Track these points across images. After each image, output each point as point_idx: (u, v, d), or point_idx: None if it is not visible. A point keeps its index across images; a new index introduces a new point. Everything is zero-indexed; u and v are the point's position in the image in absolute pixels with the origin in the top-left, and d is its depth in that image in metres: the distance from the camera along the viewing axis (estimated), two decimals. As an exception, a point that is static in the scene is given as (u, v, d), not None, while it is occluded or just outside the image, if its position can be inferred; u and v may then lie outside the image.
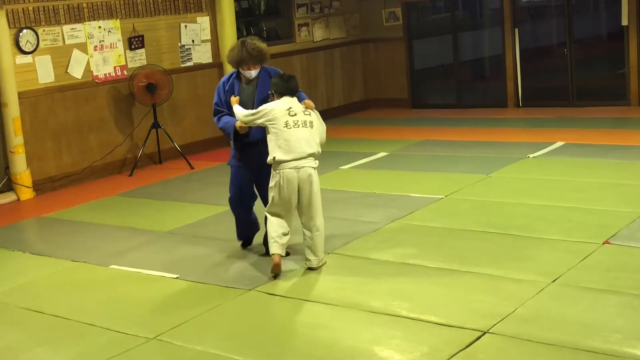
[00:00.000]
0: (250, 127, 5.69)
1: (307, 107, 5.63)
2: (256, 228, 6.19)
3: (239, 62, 5.78)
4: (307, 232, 5.59)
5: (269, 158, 5.50)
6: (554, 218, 6.33)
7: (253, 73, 5.80)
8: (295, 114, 5.52)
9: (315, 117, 5.64)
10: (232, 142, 5.95)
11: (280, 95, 5.60)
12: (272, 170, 5.54)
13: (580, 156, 8.41)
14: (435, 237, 6.13)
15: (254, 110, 5.59)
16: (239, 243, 6.25)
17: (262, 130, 5.63)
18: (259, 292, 5.27)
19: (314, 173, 5.54)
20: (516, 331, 4.33)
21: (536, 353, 4.09)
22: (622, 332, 4.22)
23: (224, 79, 5.96)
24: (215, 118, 5.91)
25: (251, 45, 5.76)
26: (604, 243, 5.64)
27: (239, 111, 5.66)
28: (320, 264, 5.62)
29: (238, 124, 5.68)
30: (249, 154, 5.84)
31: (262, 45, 5.85)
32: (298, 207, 5.56)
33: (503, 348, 4.18)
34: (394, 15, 12.97)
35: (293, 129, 5.47)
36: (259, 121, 5.54)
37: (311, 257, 5.59)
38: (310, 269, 5.60)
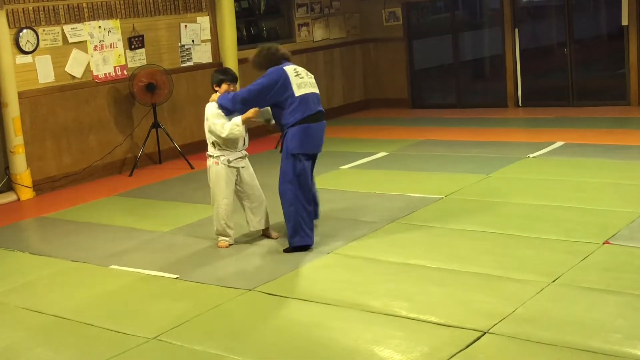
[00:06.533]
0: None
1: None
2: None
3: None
4: None
5: None
6: (554, 218, 6.33)
7: None
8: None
9: (207, 107, 6.18)
10: None
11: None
12: None
13: (580, 156, 8.41)
14: (435, 237, 6.13)
15: None
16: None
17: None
18: (259, 292, 5.27)
19: (208, 160, 6.32)
20: (516, 331, 4.33)
21: (536, 353, 4.09)
22: (622, 332, 4.22)
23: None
24: None
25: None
26: (604, 243, 5.64)
27: None
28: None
29: None
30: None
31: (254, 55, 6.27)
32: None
33: (503, 348, 4.18)
34: (394, 15, 12.97)
35: None
36: None
37: None
38: None
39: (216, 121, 6.07)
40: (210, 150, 6.25)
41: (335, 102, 12.76)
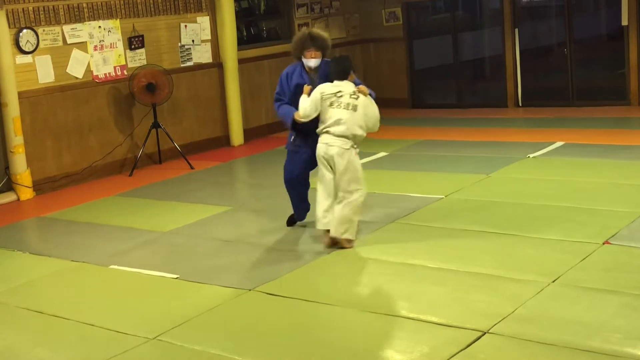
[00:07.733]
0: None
1: (359, 91, 5.96)
2: (306, 208, 6.59)
3: (302, 47, 6.13)
4: (337, 205, 5.92)
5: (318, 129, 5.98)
6: (554, 218, 6.33)
7: (312, 62, 6.12)
8: (342, 96, 5.90)
9: (363, 101, 5.95)
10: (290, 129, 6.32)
11: (334, 79, 5.98)
12: None
13: (580, 156, 8.41)
14: (435, 237, 6.13)
15: (310, 104, 5.94)
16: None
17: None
18: (259, 292, 5.27)
19: (347, 152, 5.90)
20: (516, 331, 4.33)
21: (536, 353, 4.10)
22: (622, 332, 4.22)
23: (287, 69, 6.31)
24: (276, 105, 6.30)
25: (314, 31, 6.21)
26: (604, 243, 5.64)
27: (303, 104, 5.99)
28: (341, 237, 5.88)
29: (296, 115, 6.04)
30: (307, 139, 6.20)
31: (325, 34, 6.25)
32: (334, 180, 5.94)
33: (503, 348, 4.18)
34: (394, 15, 12.97)
35: (335, 109, 5.88)
36: (315, 114, 5.96)
37: (333, 229, 5.90)
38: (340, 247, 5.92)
39: None
40: (346, 144, 5.93)
41: (335, 102, 12.75)
